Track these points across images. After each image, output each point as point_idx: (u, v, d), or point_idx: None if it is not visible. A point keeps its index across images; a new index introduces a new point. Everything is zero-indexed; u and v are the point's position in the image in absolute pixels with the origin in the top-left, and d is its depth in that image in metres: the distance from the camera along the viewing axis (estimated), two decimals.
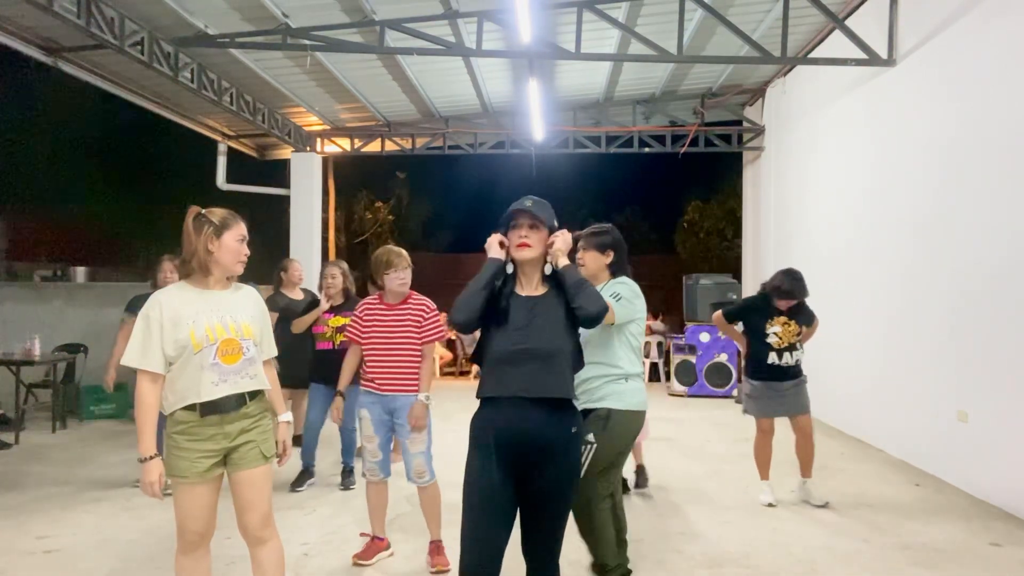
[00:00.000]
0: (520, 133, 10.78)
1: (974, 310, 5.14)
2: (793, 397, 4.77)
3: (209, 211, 2.53)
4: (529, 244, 2.39)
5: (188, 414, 2.43)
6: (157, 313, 2.41)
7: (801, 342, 4.85)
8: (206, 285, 2.52)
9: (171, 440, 2.45)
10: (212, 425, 2.45)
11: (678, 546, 3.91)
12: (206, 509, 2.51)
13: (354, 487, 4.98)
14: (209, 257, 2.47)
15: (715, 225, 19.04)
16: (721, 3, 7.24)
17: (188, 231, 2.47)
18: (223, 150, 10.88)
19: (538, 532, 2.32)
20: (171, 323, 2.40)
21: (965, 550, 3.91)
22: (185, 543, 2.53)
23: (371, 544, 3.70)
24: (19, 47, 6.80)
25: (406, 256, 3.71)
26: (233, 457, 2.51)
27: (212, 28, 7.01)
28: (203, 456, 2.44)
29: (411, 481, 3.60)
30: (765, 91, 10.32)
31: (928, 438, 5.64)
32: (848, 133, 7.48)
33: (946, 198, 5.54)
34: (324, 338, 5.10)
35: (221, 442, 2.47)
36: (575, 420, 2.35)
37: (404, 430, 3.56)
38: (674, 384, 9.97)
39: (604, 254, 3.28)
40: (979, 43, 5.19)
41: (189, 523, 2.50)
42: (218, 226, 2.49)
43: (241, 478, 2.52)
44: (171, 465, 2.45)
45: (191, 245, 2.47)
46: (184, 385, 2.42)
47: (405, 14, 6.89)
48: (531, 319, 2.34)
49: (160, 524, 4.25)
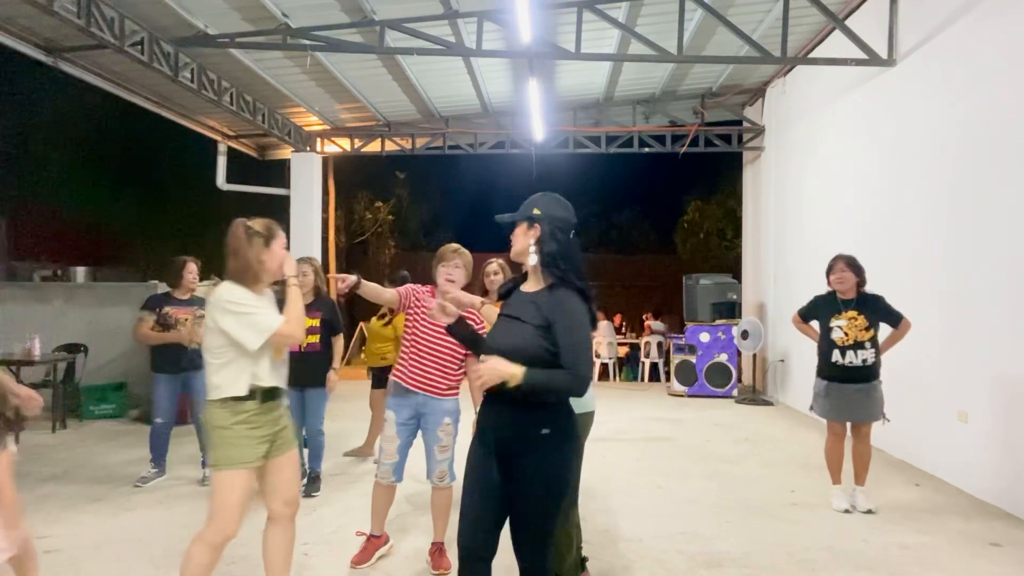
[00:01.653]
0: (520, 133, 10.78)
1: (974, 310, 5.14)
2: (859, 402, 4.49)
3: (253, 222, 2.71)
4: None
5: (250, 403, 2.62)
6: (248, 295, 2.60)
7: (885, 346, 4.58)
8: (256, 289, 2.70)
9: (230, 431, 2.59)
10: (267, 412, 2.68)
11: (678, 546, 3.91)
12: (248, 494, 2.66)
13: (317, 494, 4.80)
14: (261, 266, 2.66)
15: (715, 225, 19.03)
16: (721, 3, 7.24)
17: (240, 243, 2.64)
18: (223, 150, 10.88)
19: (518, 531, 2.29)
20: (257, 302, 2.61)
21: (965, 550, 3.91)
22: (220, 536, 2.60)
23: (368, 543, 3.64)
24: (19, 47, 6.80)
25: (464, 254, 3.46)
26: (277, 442, 2.73)
27: (212, 28, 7.01)
28: (261, 441, 2.66)
29: (430, 481, 3.57)
30: (765, 91, 10.32)
31: (928, 438, 5.64)
32: (848, 133, 7.48)
33: (946, 197, 5.55)
34: None
35: (272, 428, 2.70)
36: (548, 421, 2.24)
37: (433, 436, 3.48)
38: (674, 384, 9.97)
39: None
40: (979, 43, 5.19)
41: (235, 512, 2.60)
42: (266, 236, 2.68)
43: (282, 461, 2.76)
44: (229, 455, 2.59)
45: (244, 256, 2.64)
46: (250, 373, 2.62)
47: (405, 14, 6.89)
48: (510, 318, 2.34)
49: (160, 524, 4.25)
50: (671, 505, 4.71)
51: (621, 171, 27.81)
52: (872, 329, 4.49)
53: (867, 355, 4.46)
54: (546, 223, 2.32)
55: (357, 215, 18.45)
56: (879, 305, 4.57)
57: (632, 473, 5.58)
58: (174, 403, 5.28)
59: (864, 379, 4.49)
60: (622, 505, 4.67)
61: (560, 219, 2.34)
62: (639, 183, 28.17)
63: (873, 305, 4.56)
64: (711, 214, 19.24)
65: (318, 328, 4.71)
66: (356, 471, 5.52)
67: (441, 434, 3.48)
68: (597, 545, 3.81)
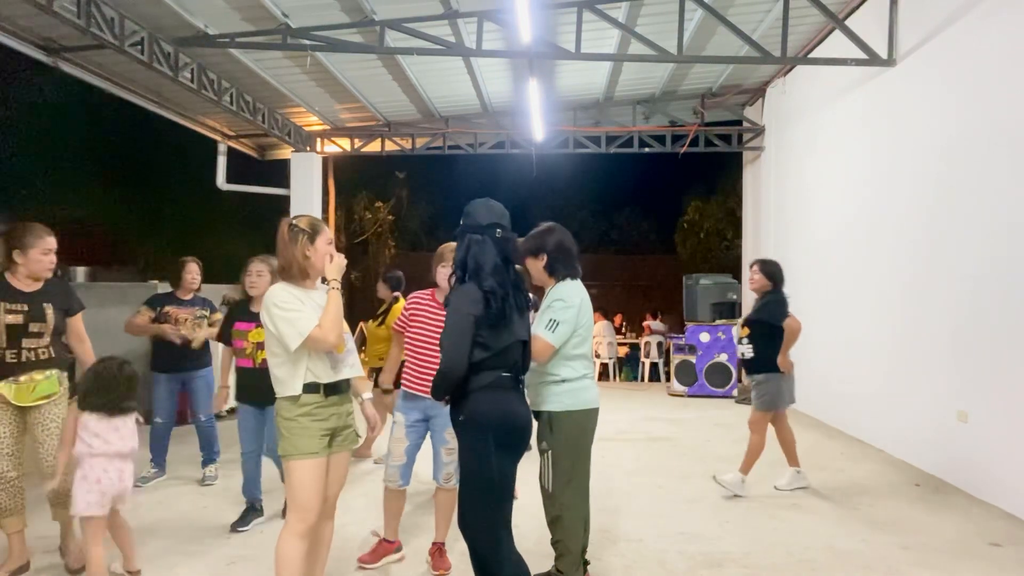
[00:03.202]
0: (520, 133, 10.77)
1: (974, 310, 5.14)
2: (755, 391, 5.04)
3: (297, 219, 2.78)
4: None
5: (313, 396, 2.67)
6: (290, 296, 2.67)
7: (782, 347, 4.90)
8: (305, 286, 2.77)
9: (295, 423, 2.65)
10: (331, 405, 2.72)
11: (678, 546, 3.91)
12: (323, 483, 2.70)
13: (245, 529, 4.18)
14: (307, 262, 2.73)
15: (715, 225, 19.03)
16: (721, 3, 7.24)
17: (284, 241, 2.73)
18: (223, 150, 10.86)
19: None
20: (300, 304, 2.66)
21: (965, 550, 3.91)
22: (304, 524, 2.65)
23: (379, 546, 3.63)
24: (19, 47, 6.79)
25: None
26: (338, 438, 2.78)
27: (212, 28, 7.01)
28: (324, 433, 2.70)
29: (436, 481, 3.58)
30: (765, 91, 10.32)
31: (928, 438, 5.64)
32: (848, 133, 7.48)
33: (946, 198, 5.54)
34: (244, 355, 4.21)
35: (335, 421, 2.74)
36: (461, 410, 2.58)
37: (440, 438, 3.50)
38: (674, 384, 9.97)
39: (537, 258, 3.17)
40: (979, 43, 5.19)
41: (311, 497, 2.65)
42: (311, 233, 2.74)
43: (338, 459, 2.81)
44: (295, 445, 2.64)
45: (289, 253, 2.72)
46: (312, 370, 2.68)
47: (405, 14, 6.89)
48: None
49: (160, 524, 4.25)
50: (671, 505, 4.71)
51: (621, 171, 27.88)
52: (747, 327, 4.97)
53: (744, 350, 5.00)
54: (461, 232, 2.66)
55: (357, 215, 18.45)
56: (764, 304, 4.98)
57: (632, 473, 5.59)
58: (174, 403, 5.28)
59: (751, 371, 5.05)
60: (622, 505, 4.67)
61: (471, 226, 2.64)
62: (639, 183, 28.23)
63: (759, 305, 4.98)
64: (711, 214, 19.24)
65: None
66: (356, 471, 5.51)
67: (448, 436, 3.48)
68: (597, 545, 3.81)
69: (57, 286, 3.56)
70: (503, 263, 2.60)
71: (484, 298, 2.48)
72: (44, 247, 3.38)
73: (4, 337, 3.29)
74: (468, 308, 2.47)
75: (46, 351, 3.43)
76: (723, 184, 18.42)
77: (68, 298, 3.57)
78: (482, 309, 2.47)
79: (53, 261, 3.42)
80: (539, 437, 3.08)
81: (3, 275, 3.39)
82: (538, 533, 2.82)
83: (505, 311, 2.51)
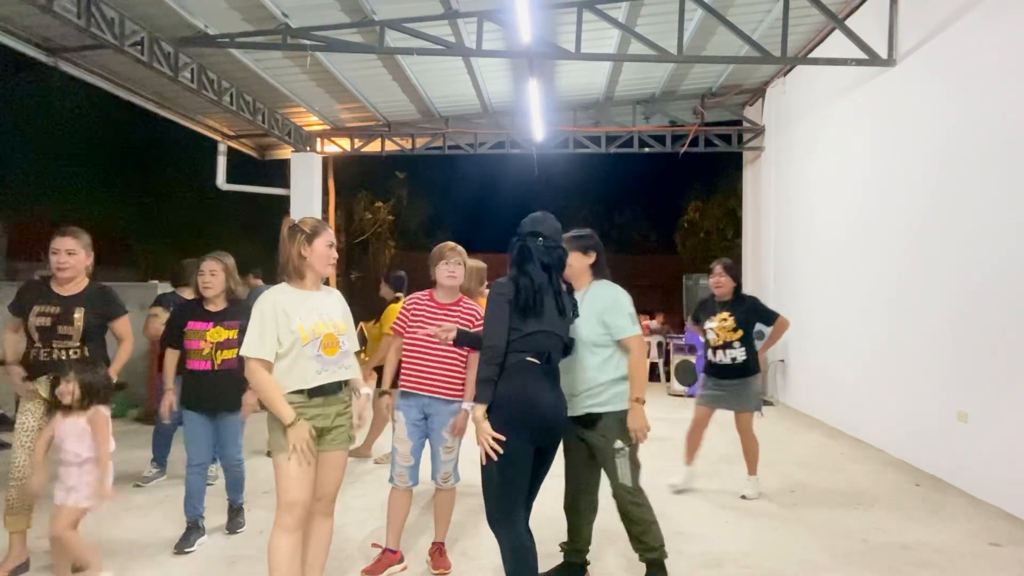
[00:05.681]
0: (520, 133, 10.77)
1: (974, 310, 5.14)
2: (732, 395, 4.81)
3: (301, 220, 2.84)
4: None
5: (297, 396, 2.73)
6: (271, 308, 2.70)
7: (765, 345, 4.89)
8: (303, 287, 2.82)
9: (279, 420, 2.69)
10: (317, 406, 2.76)
11: (678, 546, 3.91)
12: (309, 479, 2.72)
13: (242, 530, 4.18)
14: (303, 262, 2.78)
15: (715, 225, 19.00)
16: (721, 3, 7.24)
17: (284, 239, 2.78)
18: (223, 150, 10.88)
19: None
20: (284, 315, 2.70)
21: (965, 550, 3.92)
22: (291, 518, 2.68)
23: (383, 557, 3.55)
24: (19, 47, 6.80)
25: (461, 252, 3.60)
26: (327, 438, 2.81)
27: (212, 28, 7.02)
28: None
29: (434, 481, 3.58)
30: (765, 91, 10.32)
31: (928, 438, 5.64)
32: (848, 133, 7.48)
33: (946, 198, 5.55)
34: (200, 356, 3.92)
35: (322, 421, 2.78)
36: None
37: (438, 436, 3.49)
38: (674, 384, 9.97)
39: (587, 255, 3.41)
40: (979, 43, 5.19)
41: (297, 493, 2.67)
42: (309, 234, 2.79)
43: (329, 458, 2.84)
44: (279, 442, 2.68)
45: (286, 251, 2.78)
46: (296, 374, 2.72)
47: (405, 14, 6.89)
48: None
49: (160, 524, 4.26)
50: (671, 505, 4.70)
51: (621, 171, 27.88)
52: (741, 330, 4.75)
53: (736, 354, 4.75)
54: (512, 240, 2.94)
55: (357, 215, 18.46)
56: (752, 306, 4.85)
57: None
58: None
59: (736, 375, 4.78)
60: None
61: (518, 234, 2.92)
62: (639, 183, 28.21)
63: (745, 306, 4.83)
64: (711, 214, 19.21)
65: (236, 341, 3.85)
66: (356, 471, 5.51)
67: (446, 435, 3.49)
68: (597, 545, 3.80)
69: (97, 292, 3.60)
70: (540, 265, 2.82)
71: (514, 286, 2.74)
72: (52, 247, 3.45)
73: (37, 337, 3.42)
74: (501, 291, 2.76)
75: (78, 351, 3.48)
76: (723, 184, 18.40)
77: (107, 305, 3.62)
78: (512, 294, 2.73)
79: (62, 261, 3.44)
80: (610, 439, 3.21)
81: (48, 279, 3.53)
82: (539, 534, 2.82)
83: (535, 301, 2.73)
